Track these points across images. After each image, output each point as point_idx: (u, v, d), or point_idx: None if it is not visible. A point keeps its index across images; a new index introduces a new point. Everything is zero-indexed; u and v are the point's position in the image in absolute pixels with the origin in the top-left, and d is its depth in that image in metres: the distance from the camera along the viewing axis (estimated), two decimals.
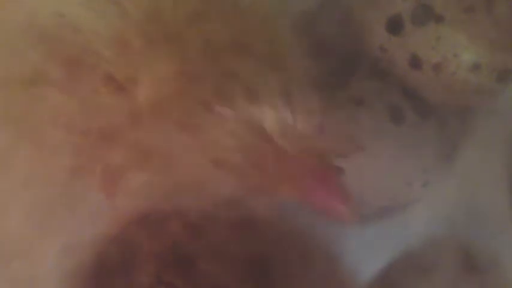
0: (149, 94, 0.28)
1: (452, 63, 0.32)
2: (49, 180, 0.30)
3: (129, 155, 0.29)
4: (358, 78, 0.34)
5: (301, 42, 0.31)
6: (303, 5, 0.33)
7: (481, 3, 0.32)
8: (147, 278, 0.30)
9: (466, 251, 0.35)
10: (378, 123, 0.33)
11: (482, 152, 0.36)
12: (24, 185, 0.30)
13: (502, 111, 0.36)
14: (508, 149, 0.36)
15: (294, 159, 0.28)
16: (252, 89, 0.27)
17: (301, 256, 0.29)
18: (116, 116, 0.28)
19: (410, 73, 0.33)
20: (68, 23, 0.28)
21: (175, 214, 0.30)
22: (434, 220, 0.36)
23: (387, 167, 0.33)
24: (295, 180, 0.28)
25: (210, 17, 0.29)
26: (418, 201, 0.35)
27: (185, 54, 0.28)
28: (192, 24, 0.28)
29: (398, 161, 0.33)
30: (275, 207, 0.30)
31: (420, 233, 0.35)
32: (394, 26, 0.33)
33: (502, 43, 0.32)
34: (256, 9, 0.30)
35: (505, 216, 0.36)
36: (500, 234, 0.36)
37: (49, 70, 0.29)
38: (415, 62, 0.33)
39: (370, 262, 0.35)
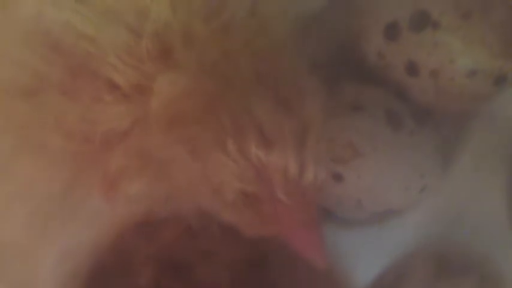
0: (158, 104, 0.28)
1: (449, 69, 0.32)
2: (49, 187, 0.30)
3: (129, 161, 0.29)
4: (355, 85, 0.35)
5: (300, 50, 0.31)
6: (301, 14, 0.33)
7: (477, 10, 0.32)
8: (146, 282, 0.30)
9: (461, 257, 0.35)
10: (376, 128, 0.33)
11: (480, 156, 0.36)
12: (25, 191, 0.30)
13: (499, 117, 0.36)
14: (505, 154, 0.36)
15: (286, 210, 0.28)
16: (266, 134, 0.28)
17: (296, 259, 0.29)
18: (118, 123, 0.29)
19: (407, 79, 0.33)
20: (71, 29, 0.28)
21: (172, 219, 0.30)
22: (431, 225, 0.36)
23: (385, 172, 0.33)
24: (282, 226, 0.29)
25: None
26: (415, 206, 0.35)
27: (194, 66, 0.28)
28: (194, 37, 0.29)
29: (396, 166, 0.33)
30: None
31: (416, 238, 0.35)
32: (391, 32, 0.33)
33: (498, 49, 0.32)
34: (256, 16, 0.30)
35: (503, 223, 0.36)
36: (498, 240, 0.36)
37: (51, 77, 0.29)
38: (412, 68, 0.33)
39: (366, 266, 0.35)
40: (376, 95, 0.34)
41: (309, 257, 0.29)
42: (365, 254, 0.35)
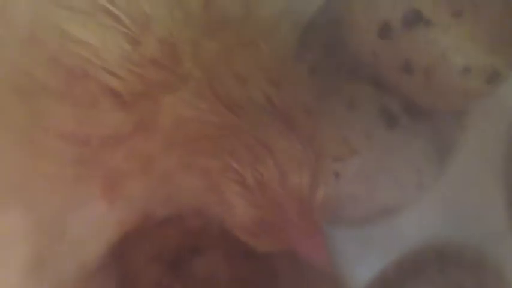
0: (169, 123, 0.28)
1: (443, 67, 0.33)
2: (49, 189, 0.30)
3: (130, 164, 0.29)
4: (350, 83, 0.35)
5: (297, 51, 0.31)
6: (297, 15, 0.33)
7: (468, 7, 0.32)
8: (148, 280, 0.31)
9: (460, 253, 0.35)
10: (371, 126, 0.34)
11: (476, 152, 0.36)
12: (20, 189, 0.31)
13: (494, 114, 0.36)
14: (501, 149, 0.37)
15: (296, 227, 0.29)
16: (280, 163, 0.28)
17: (295, 259, 0.29)
18: (117, 128, 0.29)
19: (401, 77, 0.34)
20: (69, 36, 0.29)
21: (174, 219, 0.31)
22: (429, 222, 0.36)
23: (380, 169, 0.34)
24: (291, 240, 0.29)
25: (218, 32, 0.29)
26: (412, 202, 0.35)
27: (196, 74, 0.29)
28: (200, 46, 0.29)
29: (392, 163, 0.34)
30: None
31: (415, 235, 0.36)
32: (385, 30, 0.33)
33: (490, 46, 0.32)
34: (256, 19, 0.30)
35: (501, 217, 0.36)
36: (496, 235, 0.36)
37: (45, 80, 0.29)
38: (406, 66, 0.33)
39: (364, 265, 0.35)
40: (371, 93, 0.34)
41: (314, 261, 0.29)
42: (364, 252, 0.35)
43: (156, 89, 0.28)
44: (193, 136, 0.28)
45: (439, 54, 0.32)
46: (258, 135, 0.28)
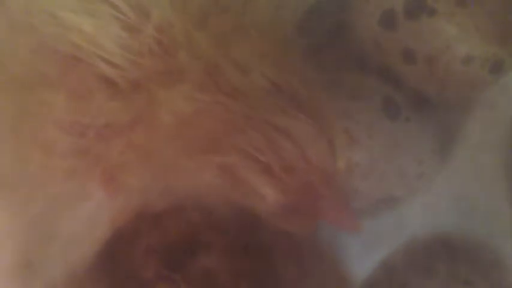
0: (170, 119, 0.28)
1: (445, 56, 0.32)
2: (47, 180, 0.30)
3: (129, 156, 0.29)
4: (352, 73, 0.35)
5: (298, 41, 0.31)
6: (298, 6, 0.33)
7: None
8: (147, 273, 0.30)
9: (462, 246, 0.36)
10: (373, 117, 0.33)
11: (479, 143, 0.36)
12: (23, 186, 0.30)
13: (497, 104, 0.36)
14: (504, 140, 0.37)
15: (322, 197, 0.29)
16: (298, 142, 0.28)
17: (298, 250, 0.29)
18: (116, 118, 0.28)
19: (404, 66, 0.33)
20: (67, 26, 0.28)
21: (174, 210, 0.30)
22: (431, 213, 0.36)
23: (382, 159, 0.33)
24: (320, 213, 0.29)
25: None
26: (414, 193, 0.35)
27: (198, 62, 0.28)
28: (201, 29, 0.28)
29: (393, 153, 0.34)
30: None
31: (417, 226, 0.36)
32: (387, 20, 0.33)
33: (493, 35, 0.32)
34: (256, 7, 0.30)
35: (503, 209, 0.36)
36: (498, 227, 0.36)
37: (43, 69, 0.29)
38: (409, 56, 0.33)
39: (367, 255, 0.35)
40: (373, 83, 0.34)
41: (344, 226, 0.29)
42: (366, 243, 0.35)
43: (153, 80, 0.28)
44: (200, 133, 0.28)
45: (442, 43, 0.32)
46: (268, 118, 0.28)
